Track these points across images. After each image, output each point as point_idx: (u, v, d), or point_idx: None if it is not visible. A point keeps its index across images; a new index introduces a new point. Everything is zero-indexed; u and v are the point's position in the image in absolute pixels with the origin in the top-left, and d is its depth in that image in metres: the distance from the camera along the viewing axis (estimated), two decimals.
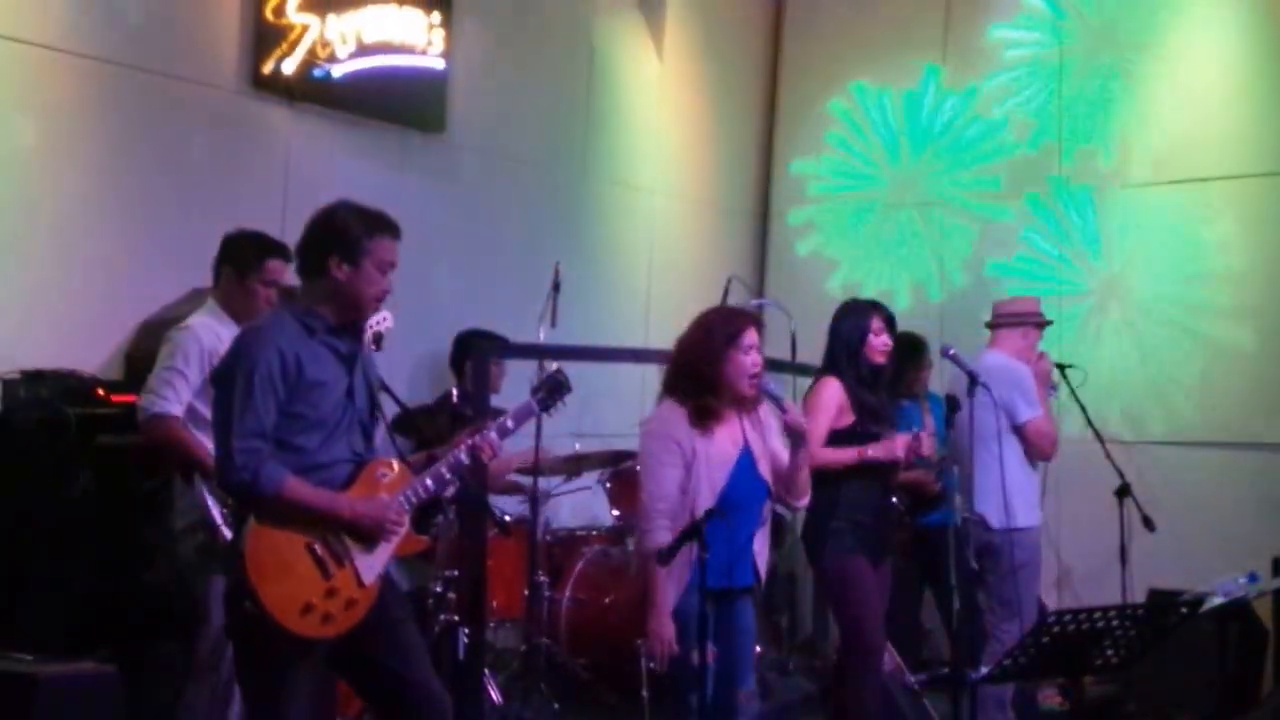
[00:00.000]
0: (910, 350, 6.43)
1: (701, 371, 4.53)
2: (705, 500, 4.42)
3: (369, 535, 3.79)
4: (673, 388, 4.61)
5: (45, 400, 5.12)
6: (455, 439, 4.02)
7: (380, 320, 5.20)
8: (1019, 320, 6.20)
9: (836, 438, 5.24)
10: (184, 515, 4.76)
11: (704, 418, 4.50)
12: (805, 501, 4.83)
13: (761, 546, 4.66)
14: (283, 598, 3.64)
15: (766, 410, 4.69)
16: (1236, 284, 7.75)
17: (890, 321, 5.42)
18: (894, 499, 5.49)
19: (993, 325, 6.29)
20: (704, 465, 4.46)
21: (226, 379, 3.74)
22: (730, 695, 4.52)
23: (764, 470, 4.62)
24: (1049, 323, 6.34)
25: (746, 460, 4.57)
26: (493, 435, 4.01)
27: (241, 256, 4.92)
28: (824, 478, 5.14)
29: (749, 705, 4.62)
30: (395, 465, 3.94)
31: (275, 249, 4.90)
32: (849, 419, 5.29)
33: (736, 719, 4.54)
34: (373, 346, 5.17)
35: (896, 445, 5.19)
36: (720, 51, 9.13)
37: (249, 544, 3.67)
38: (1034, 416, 5.97)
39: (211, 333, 4.81)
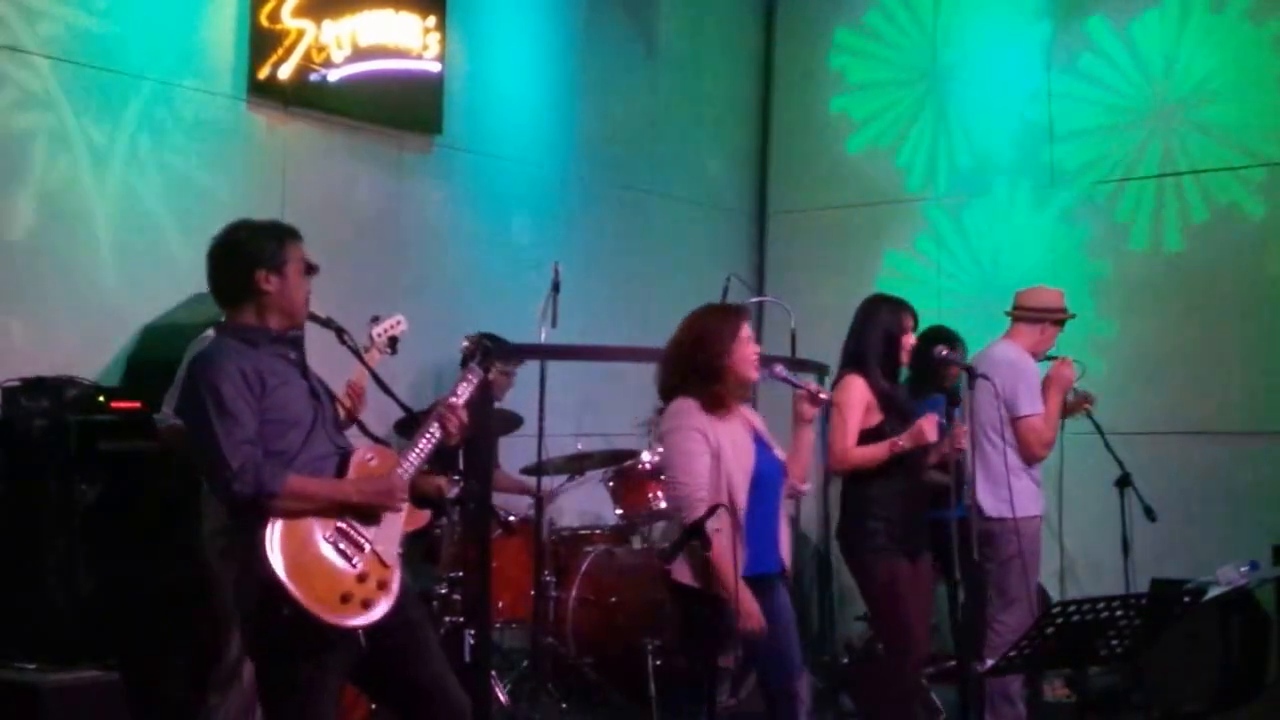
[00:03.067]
0: (949, 342, 6.14)
1: (710, 364, 4.61)
2: (740, 484, 4.52)
3: (382, 510, 3.78)
4: (680, 386, 4.67)
5: (46, 408, 5.11)
6: (425, 417, 4.01)
7: (394, 324, 5.23)
8: (1039, 316, 6.13)
9: (864, 437, 5.25)
10: (211, 517, 4.72)
11: (716, 405, 4.61)
12: (808, 487, 4.94)
13: (784, 533, 4.74)
14: (320, 593, 3.60)
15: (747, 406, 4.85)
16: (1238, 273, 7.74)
17: (916, 322, 5.45)
18: (924, 491, 5.41)
19: (1013, 315, 6.21)
20: (730, 451, 4.55)
21: (194, 408, 3.71)
22: (791, 683, 4.61)
23: (778, 453, 4.76)
24: (1071, 316, 6.28)
25: (761, 443, 4.72)
26: (457, 404, 4.01)
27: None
28: (856, 476, 5.27)
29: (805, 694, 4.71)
30: (378, 449, 3.97)
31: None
32: (876, 418, 5.29)
33: (798, 705, 4.62)
34: (388, 350, 5.20)
35: (924, 428, 5.14)
36: (715, 50, 9.13)
37: (275, 549, 3.60)
38: (1032, 414, 5.94)
39: None
